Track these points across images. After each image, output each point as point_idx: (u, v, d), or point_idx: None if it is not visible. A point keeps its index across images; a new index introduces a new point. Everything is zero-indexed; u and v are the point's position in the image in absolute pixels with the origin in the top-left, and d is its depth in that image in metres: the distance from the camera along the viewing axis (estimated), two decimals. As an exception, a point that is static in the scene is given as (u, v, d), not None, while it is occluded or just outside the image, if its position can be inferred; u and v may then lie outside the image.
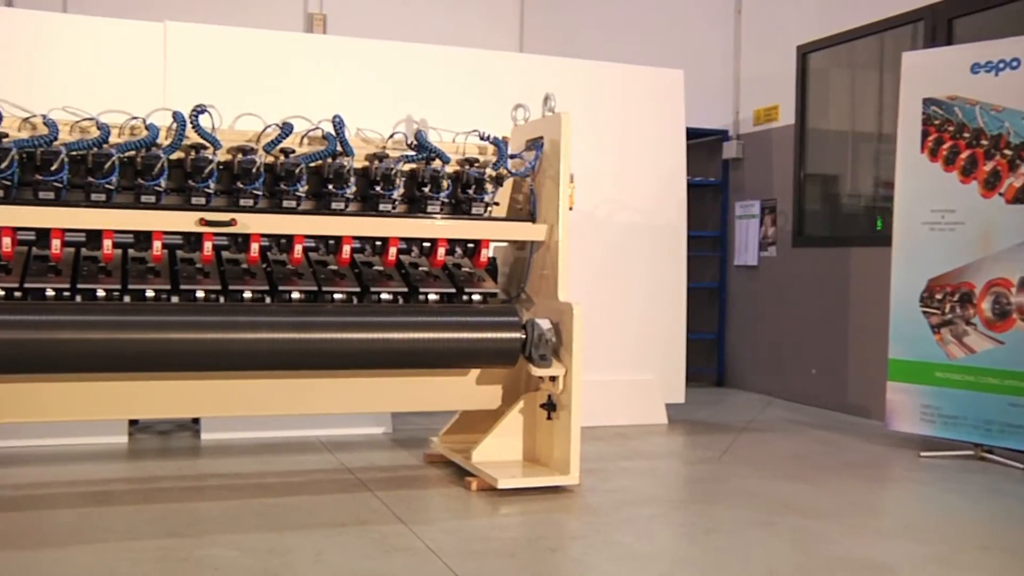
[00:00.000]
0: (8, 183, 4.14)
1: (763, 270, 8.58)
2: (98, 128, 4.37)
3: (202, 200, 4.44)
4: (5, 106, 4.27)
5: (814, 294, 7.91)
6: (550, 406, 4.85)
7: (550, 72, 6.57)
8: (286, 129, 4.64)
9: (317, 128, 4.75)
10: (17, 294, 4.18)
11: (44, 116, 4.33)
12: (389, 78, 6.36)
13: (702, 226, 9.04)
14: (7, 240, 4.14)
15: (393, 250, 4.76)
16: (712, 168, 9.10)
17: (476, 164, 4.96)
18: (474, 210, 4.93)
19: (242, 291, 4.48)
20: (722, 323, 9.08)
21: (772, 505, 4.62)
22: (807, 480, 5.19)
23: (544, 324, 4.77)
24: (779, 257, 8.36)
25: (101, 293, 4.29)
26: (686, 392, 7.20)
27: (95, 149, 4.28)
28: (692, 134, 8.11)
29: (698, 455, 5.89)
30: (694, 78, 7.61)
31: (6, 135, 4.19)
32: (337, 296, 4.63)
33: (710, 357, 9.07)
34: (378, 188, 4.73)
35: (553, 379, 4.79)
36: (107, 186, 4.28)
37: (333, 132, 4.68)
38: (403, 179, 4.79)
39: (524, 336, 4.77)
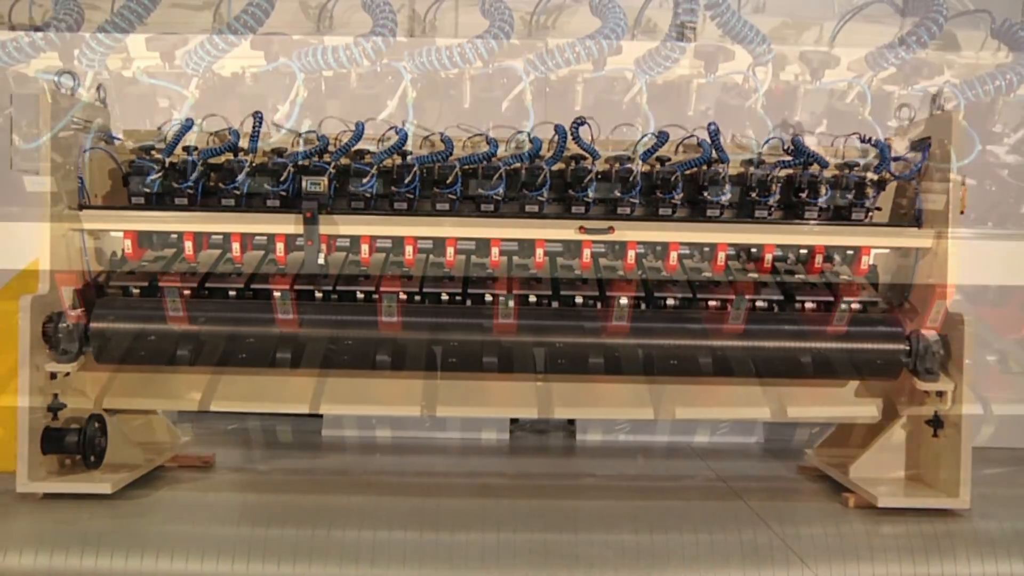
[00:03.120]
0: (410, 196, 4.53)
1: None
2: (487, 143, 4.67)
3: (581, 209, 4.61)
4: (409, 127, 4.66)
5: None
6: (936, 423, 4.56)
7: (934, 67, 6.17)
8: (662, 138, 4.70)
9: (692, 136, 4.78)
10: (417, 298, 4.57)
11: (441, 134, 4.69)
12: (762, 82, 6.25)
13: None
14: (409, 248, 4.55)
15: (769, 257, 4.69)
16: None
17: (856, 168, 4.77)
18: (854, 216, 4.73)
19: (618, 297, 4.61)
20: None
21: None
22: None
23: (931, 336, 4.50)
24: None
25: (488, 298, 4.59)
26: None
27: (484, 163, 4.58)
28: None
29: (1116, 487, 5.29)
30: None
31: (410, 152, 4.59)
32: (711, 303, 4.64)
33: (1123, 376, 8.11)
34: (753, 195, 4.68)
35: (940, 394, 4.51)
36: (495, 197, 4.56)
37: (708, 140, 4.69)
38: (779, 185, 4.70)
39: (908, 348, 4.53)
